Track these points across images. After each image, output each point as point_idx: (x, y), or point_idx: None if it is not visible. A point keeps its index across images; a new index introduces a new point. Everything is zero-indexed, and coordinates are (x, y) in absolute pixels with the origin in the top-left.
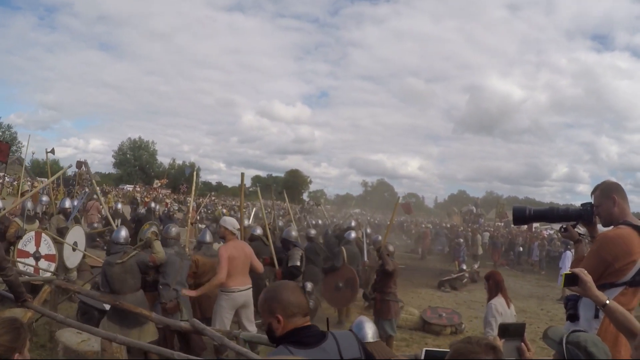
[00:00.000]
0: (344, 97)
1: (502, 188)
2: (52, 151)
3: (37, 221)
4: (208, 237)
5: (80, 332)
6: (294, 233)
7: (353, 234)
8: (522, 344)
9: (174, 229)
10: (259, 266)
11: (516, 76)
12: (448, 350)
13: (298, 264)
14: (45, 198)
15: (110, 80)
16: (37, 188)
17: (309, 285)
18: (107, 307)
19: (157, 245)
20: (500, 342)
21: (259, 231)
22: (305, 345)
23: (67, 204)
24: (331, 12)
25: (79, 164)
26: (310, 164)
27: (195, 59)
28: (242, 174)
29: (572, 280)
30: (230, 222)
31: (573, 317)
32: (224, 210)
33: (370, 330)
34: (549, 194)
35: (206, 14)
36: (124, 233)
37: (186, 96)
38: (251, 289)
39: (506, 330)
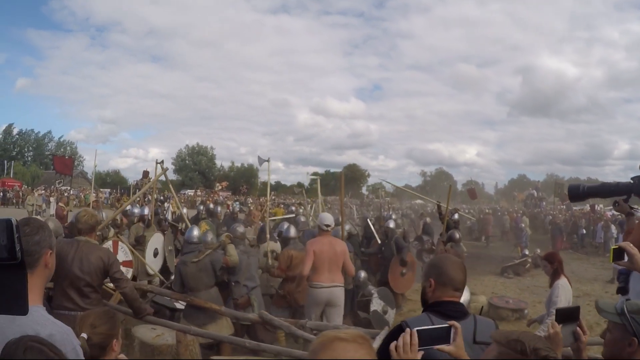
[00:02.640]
0: (396, 88)
1: (563, 170)
2: (162, 163)
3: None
4: (292, 233)
5: (154, 327)
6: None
7: (392, 224)
8: (578, 327)
9: (239, 228)
10: (350, 267)
11: (568, 54)
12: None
13: None
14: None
15: (163, 91)
16: (133, 198)
17: (362, 274)
18: (178, 306)
19: (231, 248)
20: (558, 327)
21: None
22: (447, 317)
23: (146, 211)
24: (376, 5)
25: (145, 174)
26: (368, 158)
27: (245, 63)
28: (342, 174)
29: (619, 254)
30: (322, 218)
31: (623, 290)
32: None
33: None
34: (611, 173)
35: (252, 18)
36: (196, 232)
37: (239, 99)
38: (340, 288)
39: (563, 315)
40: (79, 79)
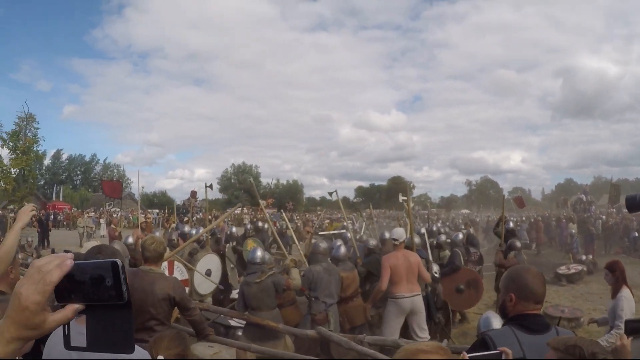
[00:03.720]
0: (436, 98)
1: (610, 172)
2: (211, 186)
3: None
4: (342, 252)
5: (211, 345)
6: (372, 242)
7: (460, 236)
8: None
9: (322, 245)
10: (426, 275)
11: (608, 52)
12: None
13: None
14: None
15: (207, 112)
16: (222, 217)
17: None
18: (233, 323)
19: (295, 272)
20: (627, 340)
21: (373, 242)
22: (530, 331)
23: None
24: (412, 17)
25: (193, 194)
26: (412, 169)
27: (286, 81)
28: (408, 185)
29: None
30: (394, 233)
31: None
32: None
33: (496, 324)
34: None
35: (291, 37)
36: (259, 253)
37: (282, 117)
38: (420, 296)
39: (633, 327)
40: (123, 104)
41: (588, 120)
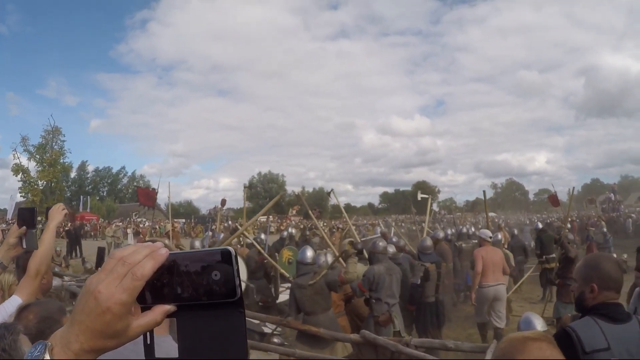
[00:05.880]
0: (459, 102)
1: (637, 170)
2: (250, 186)
3: None
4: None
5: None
6: (428, 243)
7: (499, 236)
8: None
9: (381, 244)
10: (507, 269)
11: (630, 49)
12: None
13: (418, 281)
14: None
15: (231, 122)
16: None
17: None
18: (266, 330)
19: (351, 263)
20: None
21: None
22: (613, 320)
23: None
24: (433, 22)
25: (223, 202)
26: (436, 174)
27: (310, 90)
28: (484, 192)
29: None
30: (484, 233)
31: None
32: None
33: (538, 323)
34: None
35: (313, 46)
36: (309, 253)
37: (306, 126)
38: (502, 285)
39: None
40: (149, 117)
41: (612, 118)
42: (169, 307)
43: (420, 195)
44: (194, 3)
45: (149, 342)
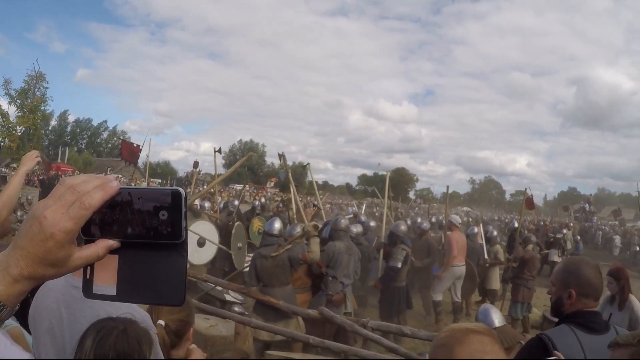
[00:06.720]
0: (448, 94)
1: (615, 185)
2: (219, 150)
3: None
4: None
5: (207, 317)
6: (403, 227)
7: (475, 229)
8: None
9: (343, 221)
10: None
11: (624, 66)
12: None
13: (399, 265)
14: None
15: (218, 87)
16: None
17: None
18: (228, 298)
19: (314, 243)
20: None
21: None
22: (591, 331)
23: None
24: (433, 11)
25: (195, 164)
26: (417, 163)
27: (301, 63)
28: (447, 187)
29: None
30: (456, 219)
31: None
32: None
33: (496, 317)
34: None
35: (310, 20)
36: (277, 225)
37: (293, 99)
38: (464, 266)
39: None
40: (136, 72)
41: (597, 131)
42: (112, 243)
43: (380, 171)
44: None
45: (88, 276)
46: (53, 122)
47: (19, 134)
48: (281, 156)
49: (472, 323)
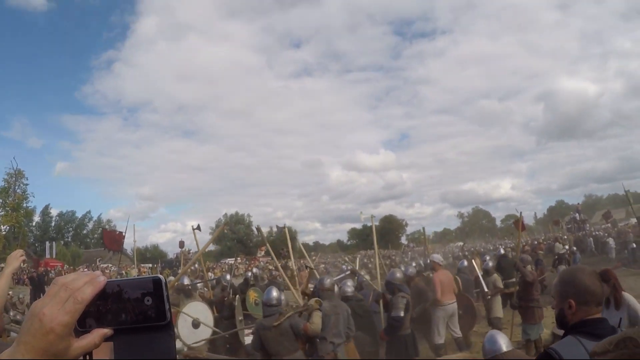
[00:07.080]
0: (423, 134)
1: (600, 189)
2: (198, 227)
3: None
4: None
5: None
6: (398, 275)
7: (465, 263)
8: None
9: (328, 280)
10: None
11: (585, 72)
12: None
13: (401, 314)
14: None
15: (197, 164)
16: (185, 268)
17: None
18: None
19: (317, 316)
20: None
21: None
22: (598, 338)
23: (185, 281)
24: (393, 57)
25: (181, 244)
26: (404, 207)
27: (275, 128)
28: (423, 229)
29: None
30: (438, 258)
31: None
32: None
33: (503, 342)
34: None
35: (276, 84)
36: (275, 294)
37: (272, 164)
38: (455, 303)
39: None
40: (115, 159)
41: (572, 140)
42: (106, 331)
43: (362, 217)
44: (159, 44)
45: None
46: (36, 218)
47: (4, 233)
48: (258, 230)
49: (460, 353)
